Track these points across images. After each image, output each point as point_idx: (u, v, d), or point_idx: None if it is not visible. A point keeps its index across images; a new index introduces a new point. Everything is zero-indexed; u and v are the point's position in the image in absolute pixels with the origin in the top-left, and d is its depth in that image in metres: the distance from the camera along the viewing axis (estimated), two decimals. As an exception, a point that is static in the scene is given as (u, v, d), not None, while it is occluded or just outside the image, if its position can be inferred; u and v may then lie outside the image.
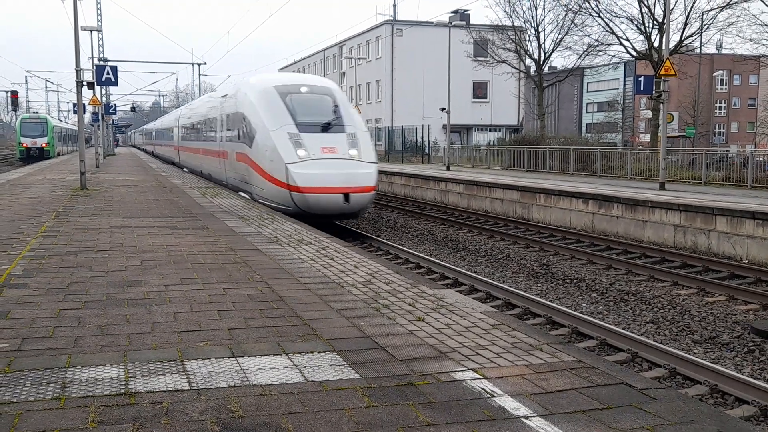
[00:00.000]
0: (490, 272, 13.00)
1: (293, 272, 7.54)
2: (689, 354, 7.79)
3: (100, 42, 42.57)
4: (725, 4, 29.18)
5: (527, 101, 52.70)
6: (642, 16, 30.88)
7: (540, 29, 37.08)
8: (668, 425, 3.64)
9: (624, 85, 67.32)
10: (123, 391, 3.99)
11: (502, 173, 28.80)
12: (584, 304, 10.46)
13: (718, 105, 77.18)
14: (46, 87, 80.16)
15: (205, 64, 56.47)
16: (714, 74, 69.39)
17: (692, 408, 3.87)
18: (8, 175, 25.83)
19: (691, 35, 31.66)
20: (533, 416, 3.74)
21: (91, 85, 20.02)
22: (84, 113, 21.41)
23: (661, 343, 8.27)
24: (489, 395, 4.03)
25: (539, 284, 11.94)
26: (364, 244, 15.54)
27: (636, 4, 31.63)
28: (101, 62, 36.32)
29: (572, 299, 10.83)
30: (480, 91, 57.43)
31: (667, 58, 20.29)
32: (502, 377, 4.33)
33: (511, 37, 37.85)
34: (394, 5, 58.71)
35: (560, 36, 36.20)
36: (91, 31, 33.16)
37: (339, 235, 13.36)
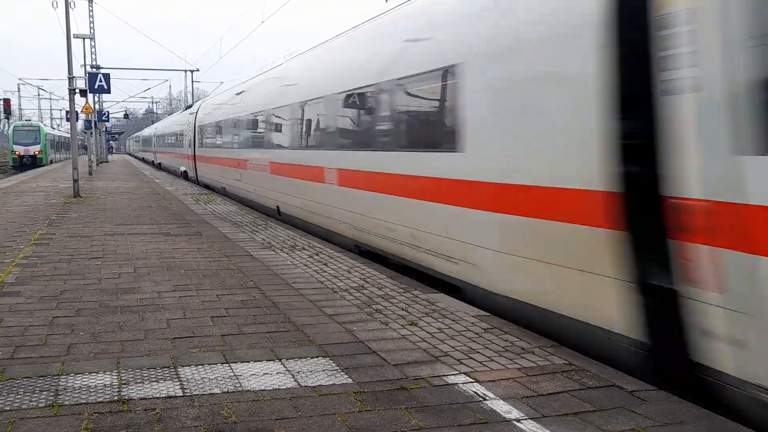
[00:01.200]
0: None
1: (286, 278, 7.55)
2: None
3: (93, 49, 42.60)
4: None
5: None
6: None
7: None
8: (658, 427, 3.67)
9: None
10: (116, 398, 4.00)
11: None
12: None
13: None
14: (39, 95, 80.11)
15: (198, 70, 56.51)
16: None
17: (682, 409, 3.90)
18: (1, 184, 25.76)
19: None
20: (525, 419, 3.76)
21: (83, 93, 20.03)
22: (77, 121, 21.40)
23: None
24: (481, 399, 4.05)
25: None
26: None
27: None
28: (94, 70, 36.32)
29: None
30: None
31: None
32: (494, 380, 4.35)
33: None
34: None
35: None
36: (84, 38, 33.14)
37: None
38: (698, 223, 4.07)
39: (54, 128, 70.78)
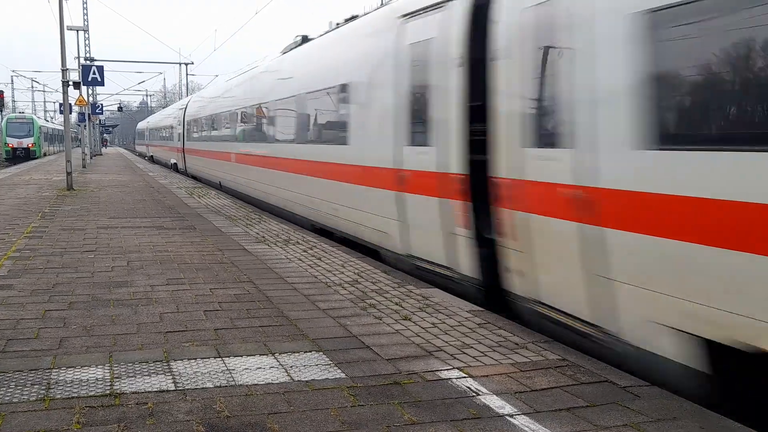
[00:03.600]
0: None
1: (280, 272, 7.53)
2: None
3: (87, 41, 42.29)
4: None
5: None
6: None
7: None
8: (651, 422, 3.68)
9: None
10: (108, 392, 3.98)
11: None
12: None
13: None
14: (32, 87, 79.61)
15: (192, 63, 56.30)
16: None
17: (675, 405, 3.91)
18: (-6, 176, 25.63)
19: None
20: (518, 414, 3.76)
21: (77, 85, 19.95)
22: (70, 113, 21.29)
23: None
24: (474, 394, 4.05)
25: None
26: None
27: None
28: (87, 62, 36.10)
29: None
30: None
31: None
32: (487, 376, 4.35)
33: None
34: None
35: None
36: (77, 30, 33.00)
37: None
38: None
39: (48, 121, 70.43)
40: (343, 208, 9.59)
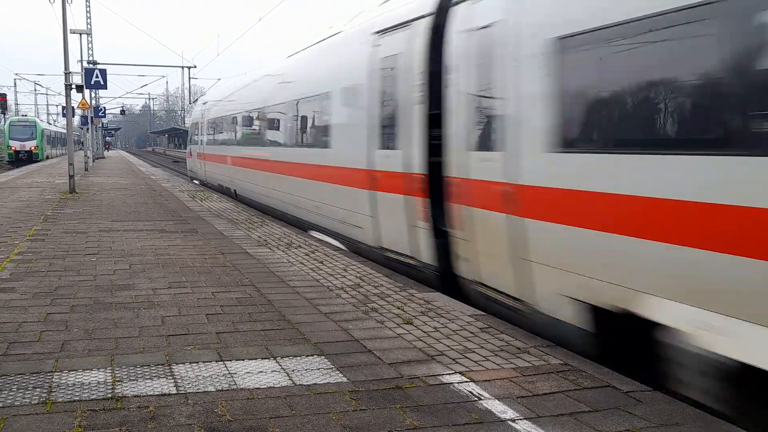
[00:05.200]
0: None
1: (282, 276, 7.53)
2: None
3: (90, 45, 42.41)
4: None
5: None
6: None
7: None
8: (653, 428, 3.67)
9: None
10: (110, 395, 3.98)
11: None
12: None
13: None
14: (35, 90, 79.85)
15: (195, 67, 56.40)
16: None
17: (677, 410, 3.90)
18: (-4, 179, 25.64)
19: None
20: (520, 419, 3.75)
21: (80, 88, 19.99)
22: (73, 116, 21.33)
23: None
24: (476, 398, 4.04)
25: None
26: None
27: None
28: (90, 65, 36.17)
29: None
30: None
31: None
32: (489, 380, 4.35)
33: None
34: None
35: None
36: (81, 33, 33.05)
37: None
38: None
39: (50, 124, 70.53)
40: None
